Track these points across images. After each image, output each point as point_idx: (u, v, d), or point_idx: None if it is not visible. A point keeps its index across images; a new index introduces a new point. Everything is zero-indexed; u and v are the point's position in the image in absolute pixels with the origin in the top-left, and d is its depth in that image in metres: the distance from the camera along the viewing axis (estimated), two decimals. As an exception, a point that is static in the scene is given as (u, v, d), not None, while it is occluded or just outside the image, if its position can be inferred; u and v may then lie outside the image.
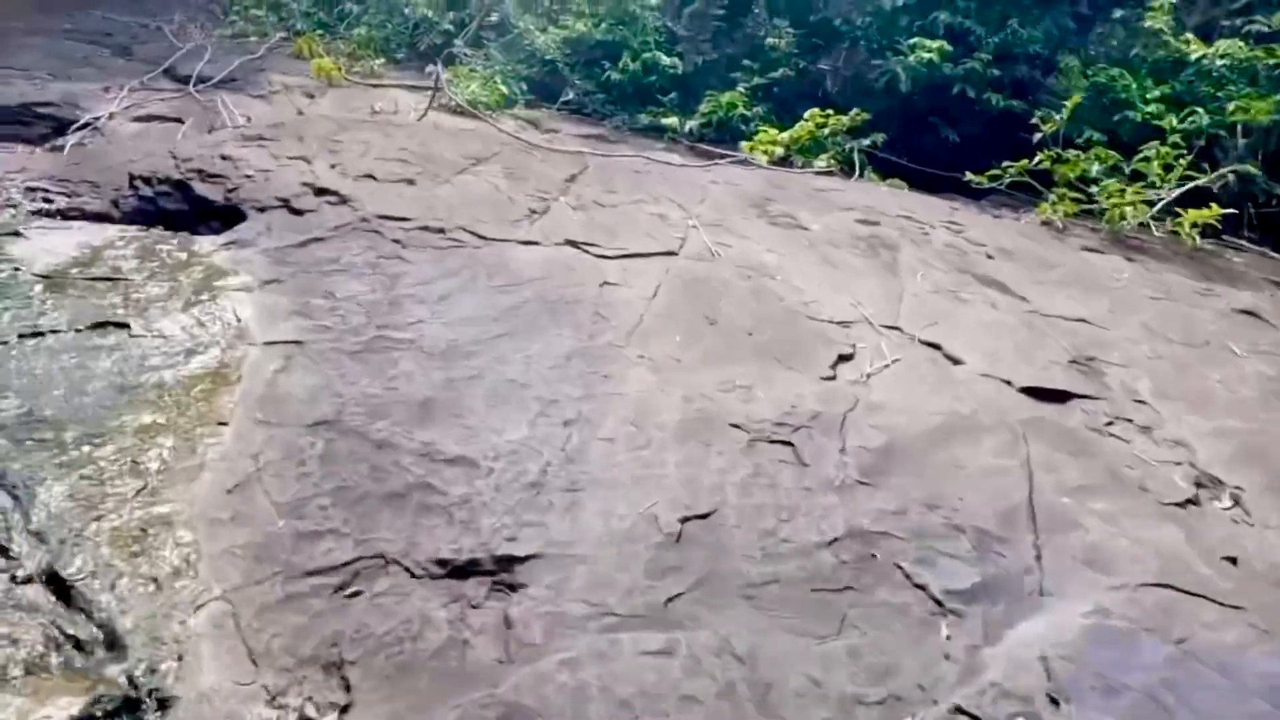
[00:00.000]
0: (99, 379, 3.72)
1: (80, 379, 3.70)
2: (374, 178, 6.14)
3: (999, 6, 7.92)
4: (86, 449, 3.29)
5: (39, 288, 4.23)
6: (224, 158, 6.48)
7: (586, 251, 5.32)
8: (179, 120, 9.23)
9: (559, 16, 10.12)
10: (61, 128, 9.23)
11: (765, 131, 8.32)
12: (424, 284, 4.74)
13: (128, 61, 10.63)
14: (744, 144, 8.44)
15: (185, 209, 6.22)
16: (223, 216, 6.03)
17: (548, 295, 4.68)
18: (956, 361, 4.39)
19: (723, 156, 8.23)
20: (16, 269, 4.37)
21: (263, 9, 11.48)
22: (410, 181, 6.17)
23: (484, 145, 7.09)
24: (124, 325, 4.05)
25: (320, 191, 5.88)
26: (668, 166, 7.29)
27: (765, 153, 8.12)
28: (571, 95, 9.52)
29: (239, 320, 4.25)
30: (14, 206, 6.06)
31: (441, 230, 5.42)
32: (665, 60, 9.25)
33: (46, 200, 6.30)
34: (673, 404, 3.78)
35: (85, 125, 9.12)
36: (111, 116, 9.28)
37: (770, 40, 8.97)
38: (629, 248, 5.38)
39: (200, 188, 6.17)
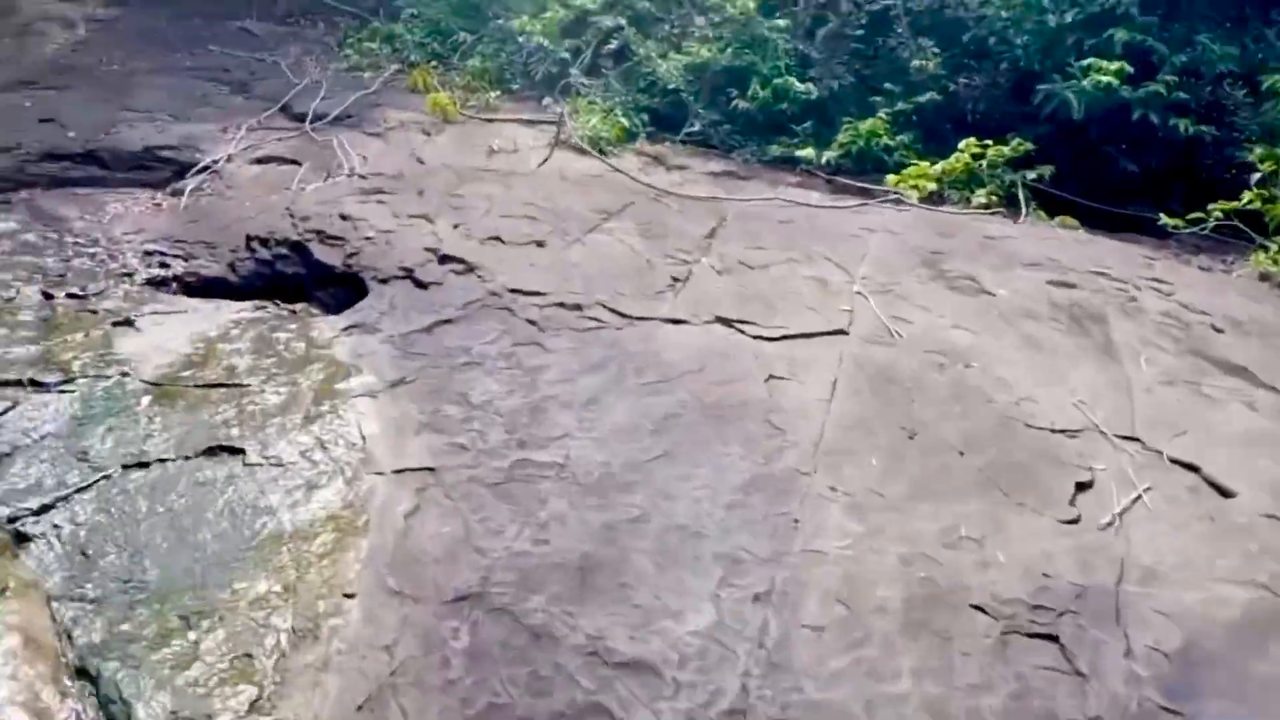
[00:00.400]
0: (209, 525, 3.13)
1: (189, 525, 3.11)
2: (500, 240, 5.50)
3: (1185, 21, 6.85)
4: (193, 636, 2.68)
5: (147, 400, 3.68)
6: (343, 217, 5.92)
7: (742, 331, 4.56)
8: (296, 162, 8.79)
9: (681, 42, 9.37)
10: (182, 171, 8.90)
11: (915, 164, 7.43)
12: (566, 381, 4.05)
13: (246, 99, 10.27)
14: (889, 177, 7.54)
15: (303, 273, 5.69)
16: (342, 284, 5.48)
17: (707, 396, 3.94)
18: (1226, 493, 3.46)
19: (865, 192, 7.36)
20: (125, 374, 3.83)
21: (376, 41, 11.00)
22: (539, 244, 5.50)
23: (613, 195, 6.39)
24: (239, 451, 3.46)
25: (445, 259, 5.25)
26: (814, 211, 6.46)
27: (915, 188, 7.22)
28: (697, 126, 8.75)
29: (363, 438, 3.62)
30: (130, 275, 5.61)
31: (579, 307, 4.73)
32: (798, 86, 8.40)
33: (163, 265, 5.84)
34: (889, 570, 2.98)
35: (205, 169, 8.76)
36: (230, 159, 8.90)
37: (915, 62, 8.03)
38: (790, 326, 4.60)
39: (319, 251, 5.63)
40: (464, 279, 5.04)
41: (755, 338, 4.49)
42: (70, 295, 4.73)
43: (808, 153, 8.03)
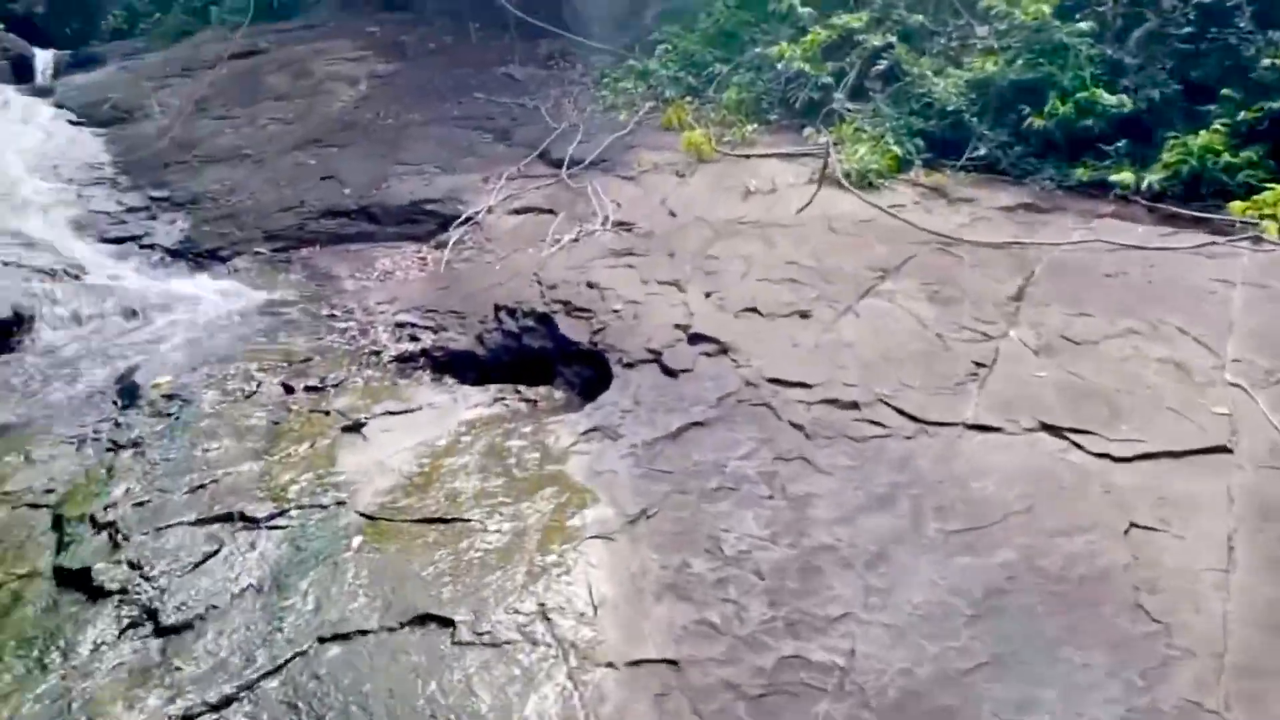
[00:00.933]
0: (405, 732, 2.46)
1: (382, 731, 2.45)
2: (758, 311, 4.59)
3: None
4: None
5: (358, 541, 3.08)
6: (590, 285, 5.23)
7: (1079, 445, 3.37)
8: (551, 211, 8.33)
9: (961, 56, 8.07)
10: (446, 223, 8.71)
11: (1272, 188, 5.78)
12: (843, 522, 3.07)
13: (507, 147, 10.02)
14: (1234, 205, 5.93)
15: (549, 348, 5.06)
16: (587, 363, 4.79)
17: (1043, 558, 2.81)
18: None
19: (1203, 223, 5.81)
20: (341, 503, 3.27)
21: (631, 80, 10.44)
22: (804, 314, 4.54)
23: (890, 246, 5.30)
24: (449, 623, 2.77)
25: (696, 338, 4.41)
26: (1149, 255, 5.05)
27: (1274, 217, 5.60)
28: (981, 150, 7.41)
29: (594, 605, 2.83)
30: (377, 354, 5.22)
31: (855, 405, 3.72)
32: (1107, 98, 6.86)
33: (413, 339, 5.42)
34: None
35: (466, 220, 8.53)
36: (490, 210, 8.61)
37: (1266, 60, 6.34)
38: (1146, 438, 3.35)
39: (564, 325, 4.97)
40: (717, 363, 4.17)
41: (1099, 456, 3.28)
42: (309, 388, 4.32)
43: (1124, 176, 6.51)
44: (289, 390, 4.22)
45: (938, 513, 3.02)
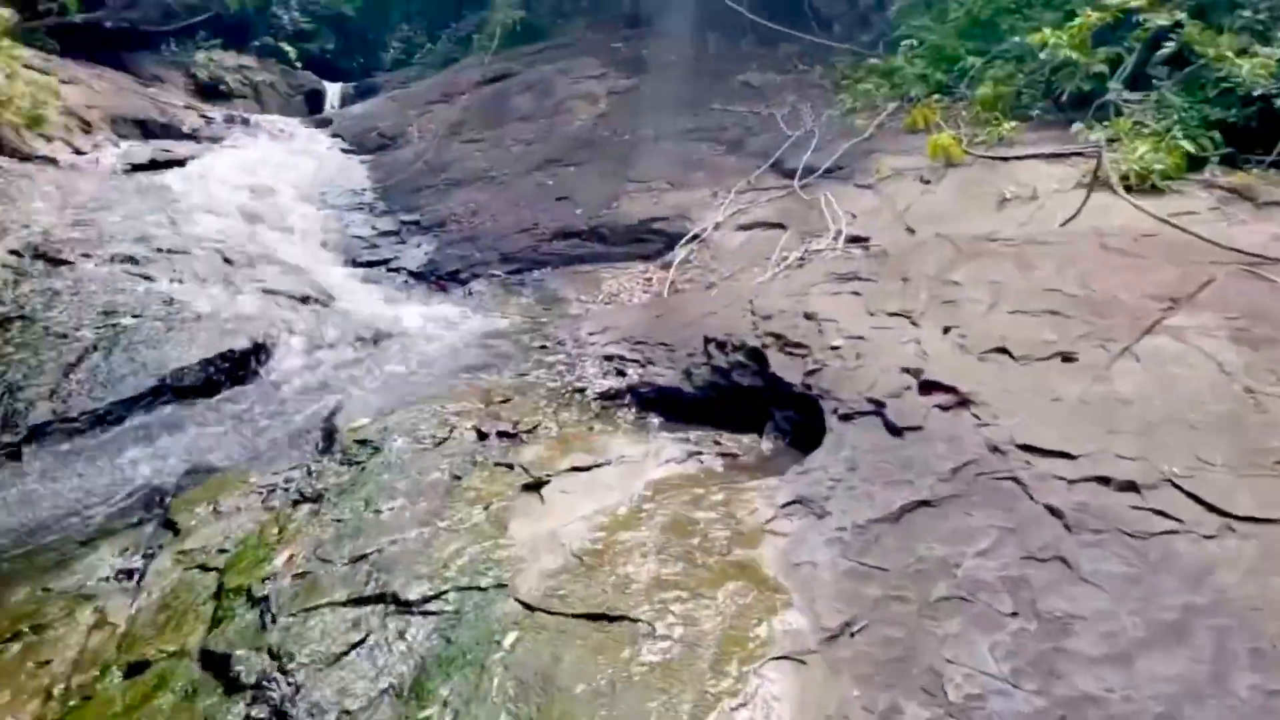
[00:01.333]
0: None
1: None
2: (1008, 352, 3.81)
3: None
4: None
5: (510, 638, 2.70)
6: (808, 316, 4.64)
7: None
8: (781, 226, 7.78)
9: (1274, 31, 6.67)
10: (672, 242, 8.38)
11: None
12: (1114, 662, 2.29)
13: (739, 159, 9.57)
14: None
15: (759, 387, 4.53)
16: (800, 408, 4.22)
17: None
18: None
19: None
20: (501, 584, 2.92)
21: (873, 80, 9.65)
22: (1067, 357, 3.71)
23: (1180, 268, 4.30)
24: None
25: (928, 386, 3.71)
26: None
27: None
28: (1300, 141, 6.10)
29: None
30: (581, 390, 4.91)
31: (1133, 488, 2.90)
32: None
33: (619, 373, 5.08)
34: None
35: (694, 238, 8.16)
36: (717, 226, 8.18)
37: None
38: None
39: (776, 363, 4.41)
40: (954, 420, 3.47)
41: None
42: (502, 434, 4.06)
43: None
44: (481, 436, 3.98)
45: (1253, 658, 2.22)
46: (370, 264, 8.87)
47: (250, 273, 7.53)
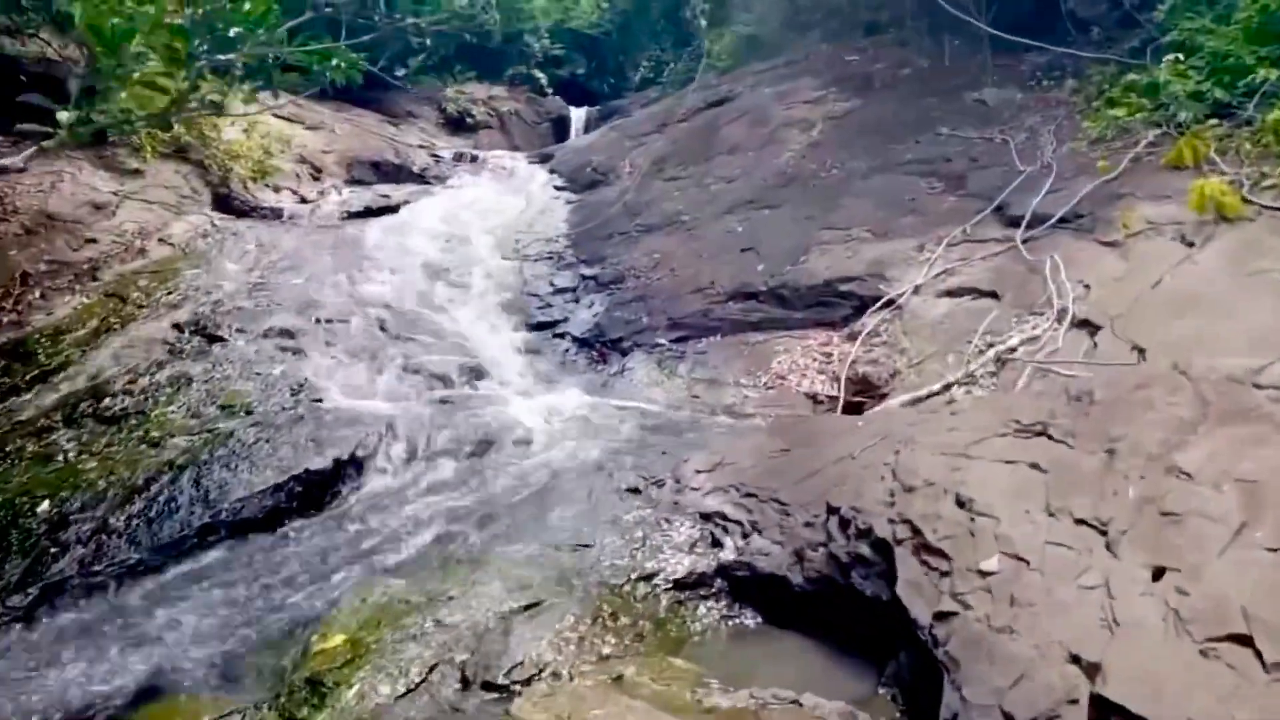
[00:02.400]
0: None
1: None
2: (1256, 648, 2.37)
3: None
4: None
5: None
6: (960, 503, 3.26)
7: None
8: (993, 295, 6.31)
9: None
10: (863, 306, 7.11)
11: None
12: None
13: (958, 198, 8.05)
14: None
15: (882, 600, 3.29)
16: (922, 654, 2.93)
17: None
18: None
19: None
20: None
21: (1132, 98, 7.76)
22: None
23: None
24: None
25: (1105, 712, 2.36)
26: None
27: None
28: None
29: None
30: (650, 576, 3.79)
31: None
32: None
33: (714, 542, 3.95)
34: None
35: (888, 303, 6.86)
36: (917, 290, 6.82)
37: None
38: None
39: (906, 573, 3.09)
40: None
41: None
42: (488, 685, 3.07)
43: None
44: (465, 685, 3.07)
45: None
46: (540, 326, 8.29)
47: (400, 347, 7.15)
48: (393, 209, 12.21)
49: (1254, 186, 5.75)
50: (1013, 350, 5.19)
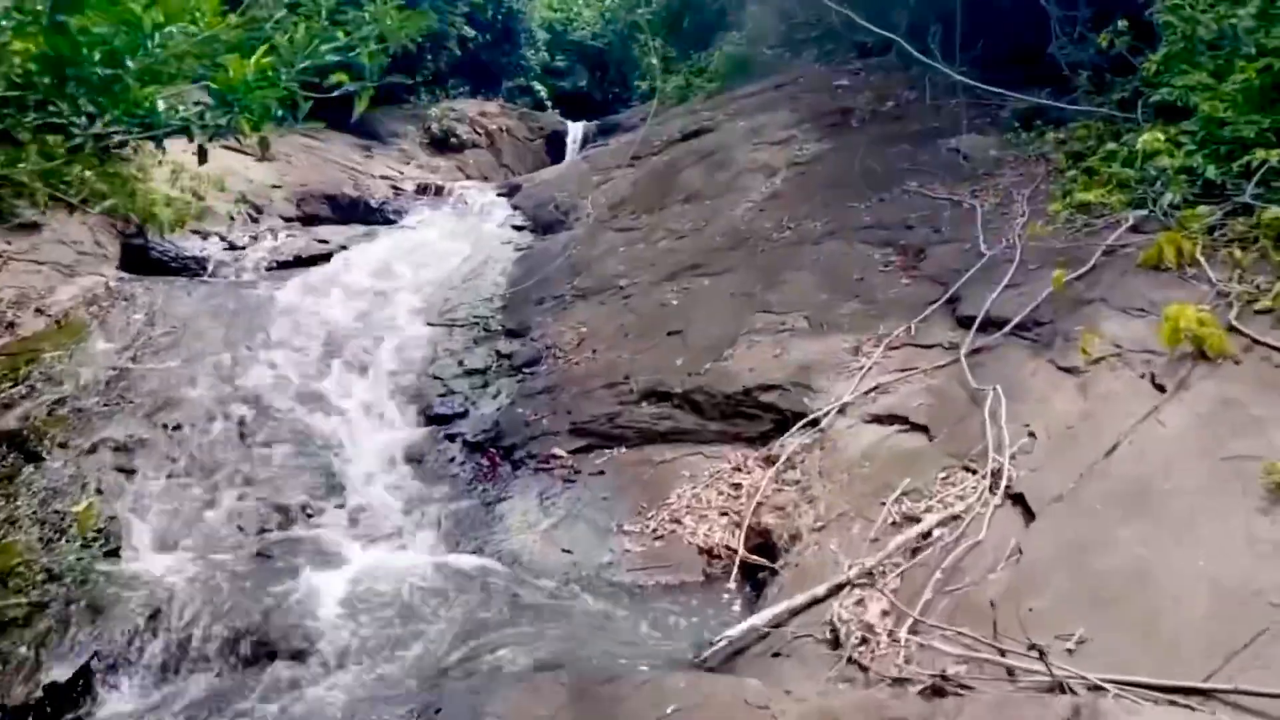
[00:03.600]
0: None
1: None
2: None
3: None
4: None
5: None
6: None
7: None
8: (924, 430, 5.16)
9: None
10: (783, 422, 6.00)
11: None
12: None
13: (911, 281, 6.86)
14: None
15: None
16: None
17: None
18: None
19: None
20: None
21: (1110, 171, 6.49)
22: None
23: None
24: None
25: None
26: None
27: None
28: None
29: None
30: None
31: None
32: None
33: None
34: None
35: (811, 422, 5.74)
36: (843, 410, 5.68)
37: None
38: None
39: None
40: None
41: None
42: None
43: None
44: None
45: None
46: (435, 419, 7.22)
47: (252, 463, 6.12)
48: (325, 257, 11.20)
49: (1244, 308, 4.55)
50: (926, 536, 4.06)
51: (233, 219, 12.01)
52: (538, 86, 31.08)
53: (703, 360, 6.62)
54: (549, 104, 30.40)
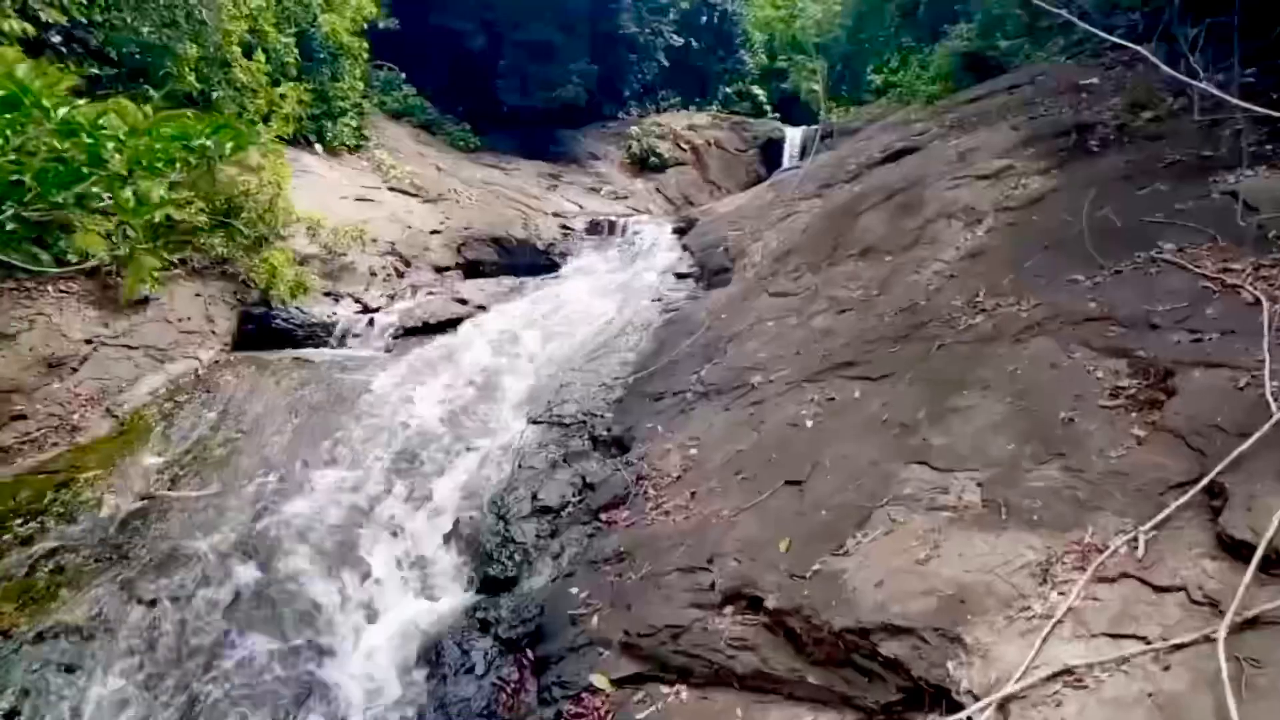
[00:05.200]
0: None
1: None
2: None
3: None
4: None
5: None
6: None
7: None
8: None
9: None
10: (912, 696, 3.77)
11: None
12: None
13: (1147, 432, 4.27)
14: None
15: None
16: None
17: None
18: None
19: None
20: None
21: None
22: None
23: None
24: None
25: None
26: None
27: None
28: None
29: None
30: None
31: None
32: None
33: None
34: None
35: (952, 707, 3.46)
36: (1005, 709, 3.39)
37: None
38: None
39: None
40: None
41: None
42: None
43: None
44: None
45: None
46: (483, 585, 5.58)
47: (213, 675, 4.76)
48: (455, 323, 9.96)
49: None
50: None
51: (374, 275, 11.09)
52: (756, 91, 28.88)
53: (817, 549, 4.47)
54: (769, 109, 28.16)
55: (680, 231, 13.32)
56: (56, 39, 7.90)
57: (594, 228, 14.13)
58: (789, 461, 5.43)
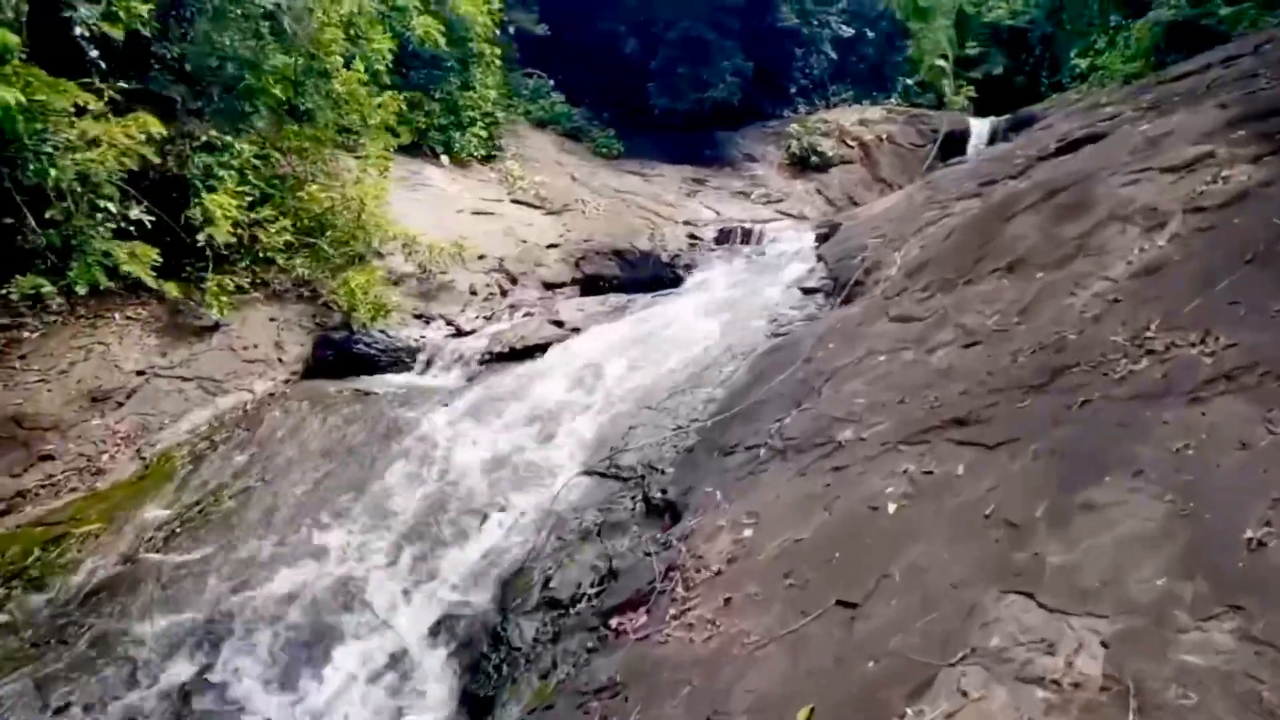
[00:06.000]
0: None
1: None
2: None
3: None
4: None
5: None
6: None
7: None
8: None
9: None
10: None
11: None
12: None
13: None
14: None
15: None
16: None
17: None
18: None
19: None
20: None
21: None
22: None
23: None
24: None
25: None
26: None
27: None
28: None
29: None
30: None
31: None
32: None
33: None
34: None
35: None
36: None
37: None
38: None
39: None
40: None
41: None
42: None
43: None
44: None
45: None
46: (463, 699, 4.46)
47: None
48: (543, 348, 8.97)
49: None
50: None
51: (474, 294, 10.31)
52: (941, 82, 26.33)
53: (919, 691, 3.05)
54: (960, 101, 25.54)
55: (822, 239, 11.74)
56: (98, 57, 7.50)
57: (723, 237, 12.78)
58: (851, 567, 3.97)
